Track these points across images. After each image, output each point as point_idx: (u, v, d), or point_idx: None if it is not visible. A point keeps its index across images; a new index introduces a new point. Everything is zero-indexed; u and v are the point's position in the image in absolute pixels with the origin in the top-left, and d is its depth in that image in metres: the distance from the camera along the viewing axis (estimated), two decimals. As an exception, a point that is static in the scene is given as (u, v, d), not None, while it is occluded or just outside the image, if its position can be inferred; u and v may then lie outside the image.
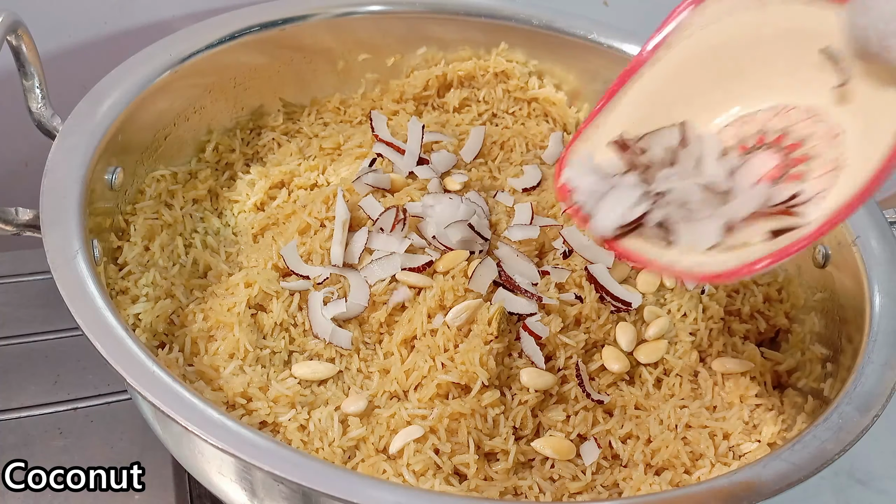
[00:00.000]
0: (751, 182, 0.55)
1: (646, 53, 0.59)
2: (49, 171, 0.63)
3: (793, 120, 0.55)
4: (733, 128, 0.58)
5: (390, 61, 0.90)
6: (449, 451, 0.60)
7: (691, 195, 0.54)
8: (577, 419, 0.65)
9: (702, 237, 0.53)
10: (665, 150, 0.57)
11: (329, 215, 0.71)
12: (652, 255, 0.54)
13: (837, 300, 0.71)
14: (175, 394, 0.52)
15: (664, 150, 0.57)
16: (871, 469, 0.86)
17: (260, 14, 0.82)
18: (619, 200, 0.55)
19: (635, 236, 0.54)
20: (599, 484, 0.62)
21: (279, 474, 0.49)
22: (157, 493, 0.71)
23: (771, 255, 0.49)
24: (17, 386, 0.78)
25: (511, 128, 0.89)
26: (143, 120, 0.73)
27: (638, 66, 0.59)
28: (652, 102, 0.59)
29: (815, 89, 0.54)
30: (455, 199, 0.73)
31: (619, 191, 0.56)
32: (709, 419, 0.66)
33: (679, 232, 0.53)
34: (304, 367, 0.65)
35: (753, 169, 0.55)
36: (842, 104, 0.53)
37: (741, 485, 0.53)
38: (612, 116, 0.60)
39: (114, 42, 0.89)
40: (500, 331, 0.65)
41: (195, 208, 0.78)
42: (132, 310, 0.66)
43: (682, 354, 0.69)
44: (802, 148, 0.54)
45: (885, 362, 0.61)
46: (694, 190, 0.54)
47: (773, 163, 0.55)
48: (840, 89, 0.52)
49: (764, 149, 0.56)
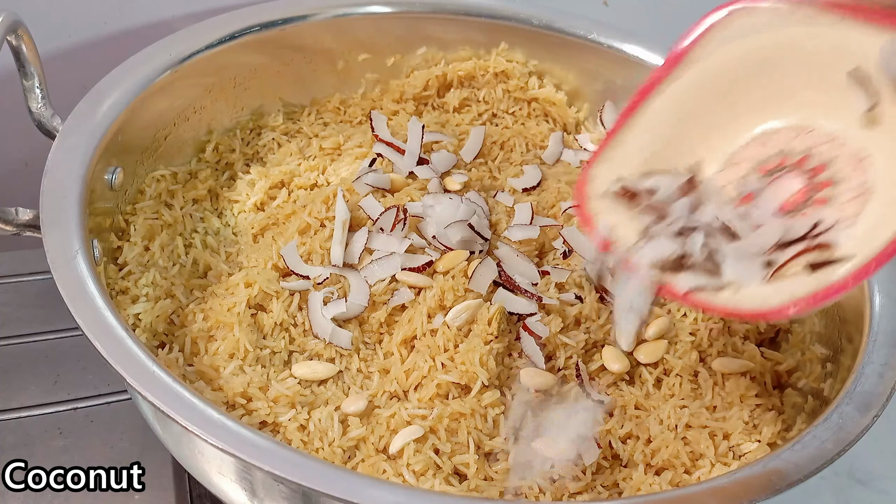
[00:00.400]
0: (775, 206, 0.53)
1: (665, 68, 0.57)
2: (49, 171, 0.63)
3: (816, 141, 0.54)
4: (752, 148, 0.56)
5: (390, 61, 0.90)
6: (449, 451, 0.60)
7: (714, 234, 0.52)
8: (577, 419, 0.65)
9: (747, 273, 0.50)
10: (674, 191, 0.55)
11: (329, 215, 0.71)
12: (703, 294, 0.52)
13: (837, 300, 0.71)
14: (175, 394, 0.52)
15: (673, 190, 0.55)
16: (871, 469, 0.86)
17: (260, 14, 0.82)
18: (652, 244, 0.53)
19: (686, 273, 0.52)
20: (599, 484, 0.62)
21: (279, 474, 0.49)
22: (157, 493, 0.71)
23: (817, 294, 0.47)
24: (17, 386, 0.78)
25: (511, 128, 0.89)
26: (143, 120, 0.73)
27: (657, 81, 0.58)
28: (674, 120, 0.58)
29: (840, 110, 0.53)
30: (455, 199, 0.73)
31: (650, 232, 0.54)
32: (709, 419, 0.66)
33: (725, 267, 0.51)
34: (304, 367, 0.65)
35: (778, 191, 0.54)
36: (868, 128, 0.52)
37: (741, 485, 0.53)
38: (631, 135, 0.58)
39: (114, 42, 0.89)
40: (500, 331, 0.65)
41: (195, 208, 0.78)
42: (132, 310, 0.66)
43: (682, 354, 0.69)
44: (828, 171, 0.53)
45: (885, 362, 0.61)
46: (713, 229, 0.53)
47: (797, 185, 0.53)
48: (869, 113, 0.51)
49: (787, 171, 0.54)
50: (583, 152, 0.88)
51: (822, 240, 0.50)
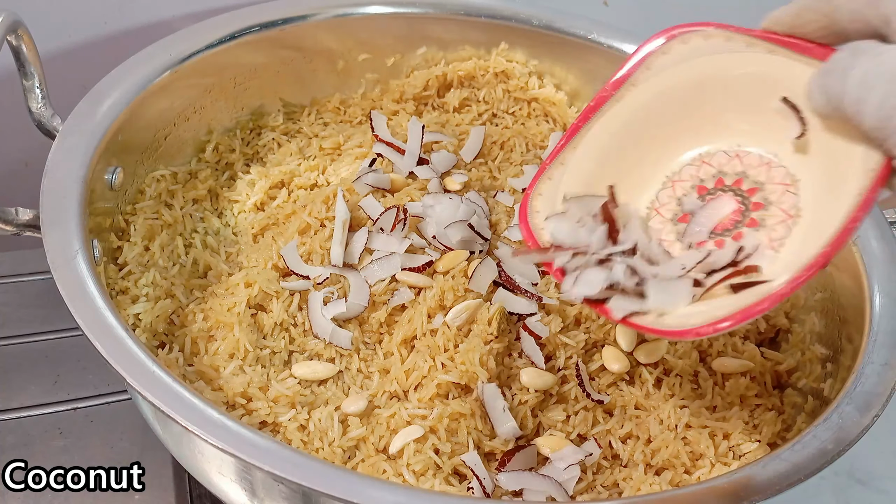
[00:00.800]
0: (710, 225, 0.55)
1: (608, 90, 0.59)
2: (49, 171, 0.63)
3: (750, 164, 0.56)
4: (691, 169, 0.58)
5: (390, 61, 0.90)
6: (449, 451, 0.60)
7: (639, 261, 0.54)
8: (577, 419, 0.65)
9: (670, 297, 0.51)
10: (589, 218, 0.56)
11: (329, 215, 0.71)
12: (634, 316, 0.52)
13: (837, 300, 0.71)
14: (175, 394, 0.52)
15: (588, 217, 0.56)
16: (871, 469, 0.86)
17: (260, 14, 0.82)
18: (581, 280, 0.54)
19: (617, 299, 0.53)
20: (599, 484, 0.62)
21: (279, 474, 0.49)
22: (157, 493, 0.71)
23: (735, 315, 0.48)
24: (17, 386, 0.78)
25: (511, 128, 0.89)
26: (143, 120, 0.73)
27: (600, 102, 0.60)
28: (614, 142, 0.59)
29: (773, 135, 0.54)
30: (455, 199, 0.73)
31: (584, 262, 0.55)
32: (709, 419, 0.66)
33: (648, 292, 0.52)
34: (304, 367, 0.65)
35: (714, 211, 0.55)
36: (799, 153, 0.54)
37: (741, 485, 0.53)
38: (575, 154, 0.60)
39: (114, 42, 0.89)
40: (500, 331, 0.65)
41: (195, 208, 0.78)
42: (132, 310, 0.66)
43: (682, 354, 0.69)
44: (760, 193, 0.54)
45: (885, 362, 0.61)
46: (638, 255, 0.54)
47: (732, 206, 0.55)
48: (798, 139, 0.53)
49: (723, 192, 0.56)
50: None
51: (747, 263, 0.51)
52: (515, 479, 0.59)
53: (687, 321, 0.50)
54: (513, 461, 0.61)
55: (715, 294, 0.51)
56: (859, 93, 0.45)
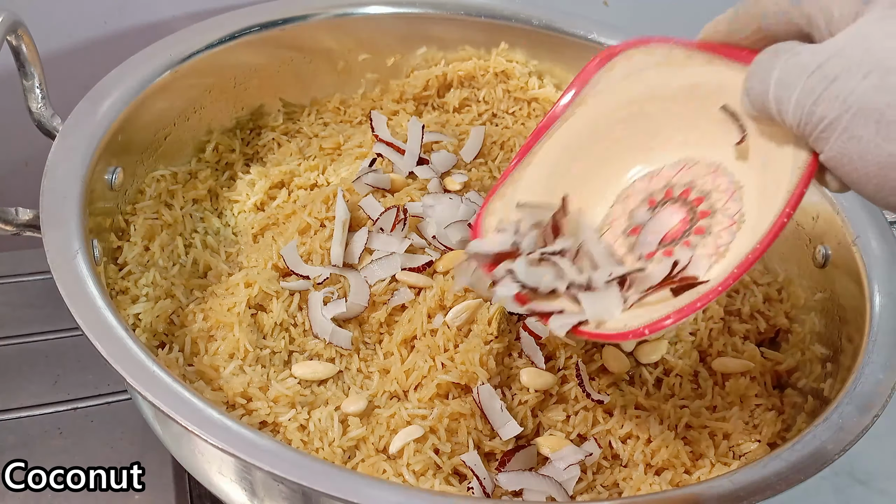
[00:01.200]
0: (658, 236, 0.56)
1: (559, 109, 0.60)
2: (49, 171, 0.63)
3: (697, 174, 0.57)
4: (642, 182, 0.59)
5: (390, 61, 0.90)
6: (449, 451, 0.60)
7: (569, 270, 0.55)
8: (577, 419, 0.65)
9: (607, 306, 0.53)
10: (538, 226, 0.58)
11: (329, 215, 0.71)
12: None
13: (837, 300, 0.71)
14: (175, 394, 0.52)
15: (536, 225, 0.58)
16: (871, 469, 0.86)
17: (260, 14, 0.82)
18: (501, 284, 0.56)
19: (556, 316, 0.54)
20: (599, 484, 0.62)
21: (279, 474, 0.49)
22: (157, 493, 0.71)
23: (675, 313, 0.49)
24: (17, 386, 0.78)
25: (511, 128, 0.89)
26: (143, 120, 0.73)
27: (551, 121, 0.61)
28: (566, 159, 0.60)
29: (717, 144, 0.55)
30: (455, 199, 0.73)
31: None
32: (709, 419, 0.66)
33: (584, 305, 0.53)
34: (303, 366, 0.65)
35: (661, 223, 0.57)
36: (741, 160, 0.55)
37: (741, 485, 0.53)
38: (527, 172, 0.61)
39: (114, 42, 0.89)
40: (500, 331, 0.65)
41: (195, 208, 0.78)
42: (132, 310, 0.66)
43: (682, 354, 0.70)
44: (706, 201, 0.56)
45: (885, 362, 0.61)
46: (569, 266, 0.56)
47: (679, 217, 0.56)
48: (739, 146, 0.54)
49: (671, 203, 0.57)
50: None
51: (684, 275, 0.53)
52: (515, 479, 0.59)
53: (630, 323, 0.51)
54: (513, 461, 0.61)
55: (654, 301, 0.53)
56: (779, 92, 0.46)
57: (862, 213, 0.71)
